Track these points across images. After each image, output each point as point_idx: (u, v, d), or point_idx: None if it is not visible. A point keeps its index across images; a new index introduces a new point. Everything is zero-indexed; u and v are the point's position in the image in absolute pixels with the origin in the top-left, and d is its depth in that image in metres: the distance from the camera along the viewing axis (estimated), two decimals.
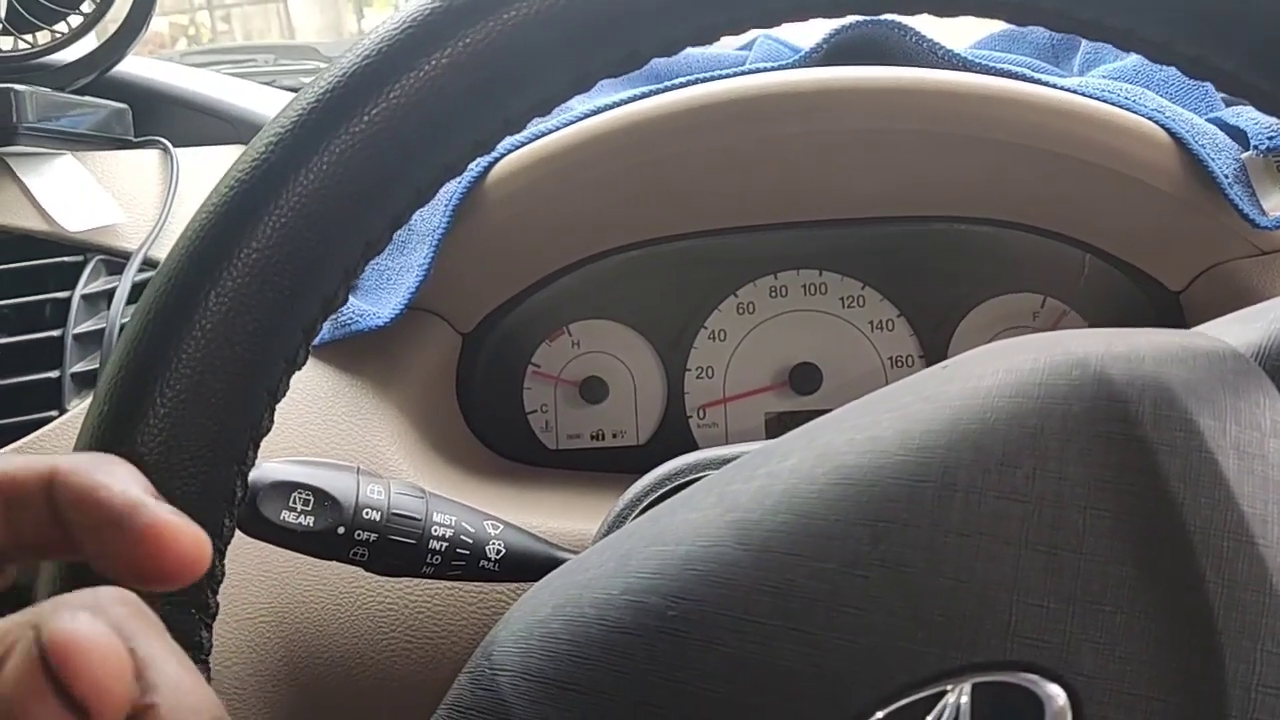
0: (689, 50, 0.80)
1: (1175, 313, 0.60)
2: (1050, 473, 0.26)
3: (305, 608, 0.51)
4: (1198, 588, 0.24)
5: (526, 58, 0.28)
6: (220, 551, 0.29)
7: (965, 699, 0.25)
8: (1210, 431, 0.26)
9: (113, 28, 0.64)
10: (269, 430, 0.29)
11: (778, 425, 0.64)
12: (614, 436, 0.65)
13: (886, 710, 0.25)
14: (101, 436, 0.27)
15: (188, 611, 0.28)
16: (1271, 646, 0.24)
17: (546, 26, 0.28)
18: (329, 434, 0.54)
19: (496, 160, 0.57)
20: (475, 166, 0.57)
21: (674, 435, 0.65)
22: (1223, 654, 0.24)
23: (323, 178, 0.28)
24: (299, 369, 0.30)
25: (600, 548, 0.30)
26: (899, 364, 0.64)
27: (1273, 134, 0.53)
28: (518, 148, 0.57)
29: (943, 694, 0.25)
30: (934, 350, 0.64)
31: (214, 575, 0.29)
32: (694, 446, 0.63)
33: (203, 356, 0.27)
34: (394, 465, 0.54)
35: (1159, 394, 0.26)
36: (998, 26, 0.79)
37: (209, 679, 0.29)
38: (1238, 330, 0.29)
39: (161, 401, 0.27)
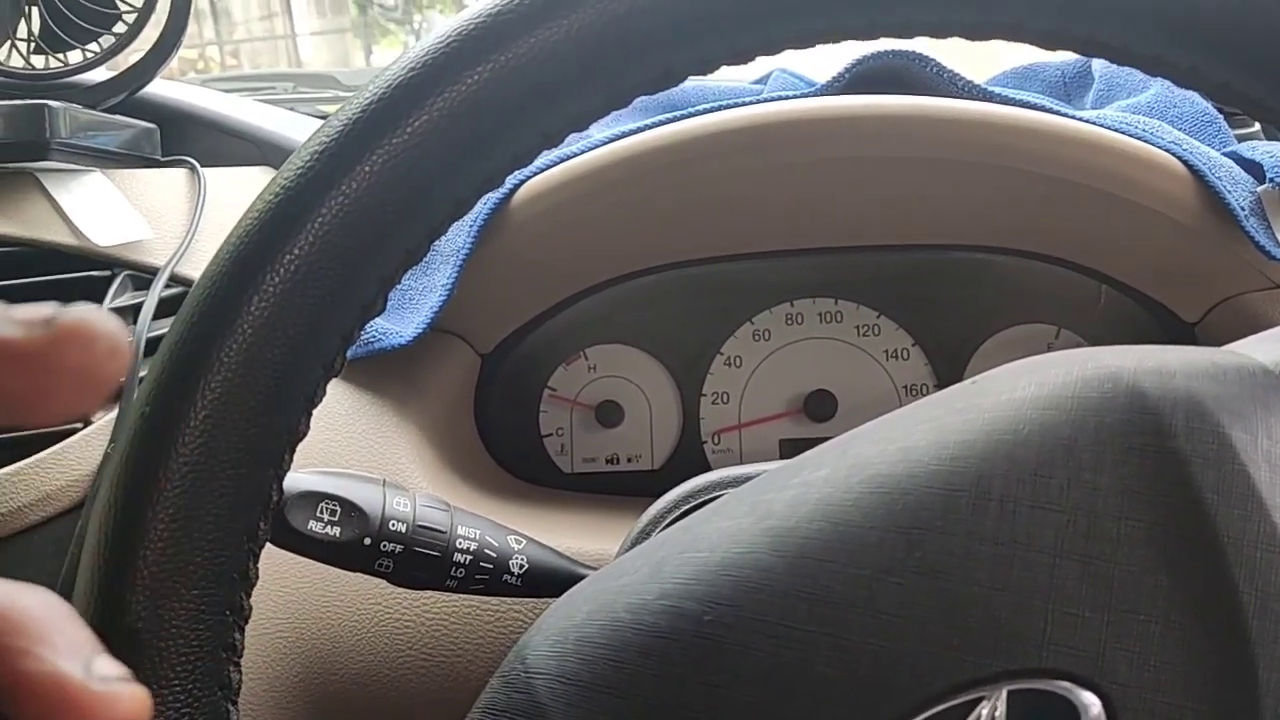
0: (707, 83, 0.81)
1: (1190, 345, 0.60)
2: (1084, 483, 0.26)
3: (321, 622, 0.51)
4: (1230, 598, 0.25)
5: (564, 73, 0.29)
6: (254, 555, 0.29)
7: (1001, 706, 0.25)
8: (1242, 444, 0.26)
9: (144, 49, 0.65)
10: (305, 435, 0.29)
11: (792, 451, 0.64)
12: (629, 461, 0.65)
13: (922, 717, 0.25)
14: (143, 436, 0.28)
15: (222, 613, 0.28)
16: None
17: (583, 43, 0.28)
18: (350, 451, 0.55)
19: (521, 183, 0.57)
20: (503, 186, 0.57)
21: (689, 460, 0.65)
22: (1255, 663, 0.24)
23: (365, 186, 0.28)
24: (336, 375, 0.30)
25: (633, 555, 0.30)
26: (913, 392, 0.64)
27: None
28: (541, 171, 0.57)
29: (978, 701, 0.25)
30: (949, 380, 0.64)
31: (248, 578, 0.29)
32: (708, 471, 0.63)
33: (244, 360, 0.28)
34: (413, 483, 0.54)
35: (1191, 407, 0.26)
36: (1020, 59, 0.80)
37: (240, 684, 0.29)
38: (1266, 348, 0.29)
39: (203, 403, 0.27)
